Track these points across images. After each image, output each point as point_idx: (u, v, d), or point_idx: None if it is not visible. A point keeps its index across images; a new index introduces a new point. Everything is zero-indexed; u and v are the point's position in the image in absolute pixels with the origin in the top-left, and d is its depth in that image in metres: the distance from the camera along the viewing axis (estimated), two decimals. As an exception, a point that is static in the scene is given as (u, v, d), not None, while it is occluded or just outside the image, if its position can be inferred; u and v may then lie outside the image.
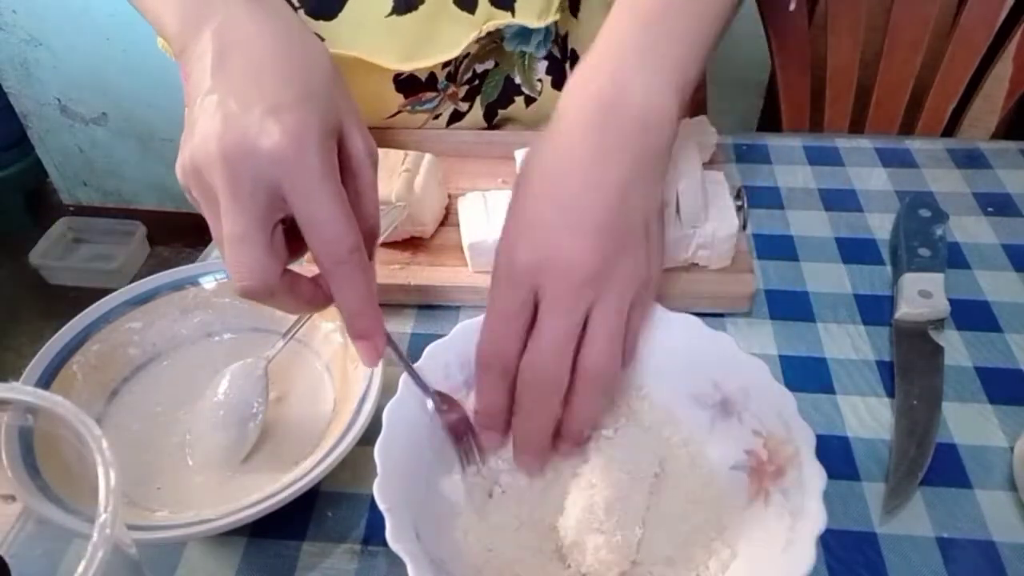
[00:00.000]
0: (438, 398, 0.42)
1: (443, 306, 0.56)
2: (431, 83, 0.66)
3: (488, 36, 0.64)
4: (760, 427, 0.40)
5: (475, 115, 0.70)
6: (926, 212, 0.60)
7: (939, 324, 0.53)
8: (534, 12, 0.61)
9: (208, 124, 0.36)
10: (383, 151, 0.56)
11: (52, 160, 1.98)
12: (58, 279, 1.95)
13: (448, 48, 0.62)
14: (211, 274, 0.53)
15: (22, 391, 0.29)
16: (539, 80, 0.68)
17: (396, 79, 0.65)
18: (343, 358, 0.49)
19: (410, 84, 0.66)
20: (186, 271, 0.53)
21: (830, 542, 0.42)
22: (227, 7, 0.40)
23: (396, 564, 0.34)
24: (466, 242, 0.56)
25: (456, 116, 0.70)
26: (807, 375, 0.51)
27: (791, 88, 0.91)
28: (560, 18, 0.63)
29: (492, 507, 0.42)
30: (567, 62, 0.69)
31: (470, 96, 0.69)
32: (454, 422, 0.42)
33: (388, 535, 0.35)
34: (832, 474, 0.37)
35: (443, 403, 0.42)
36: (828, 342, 0.53)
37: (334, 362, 0.50)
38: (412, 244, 0.59)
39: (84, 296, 0.54)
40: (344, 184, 0.37)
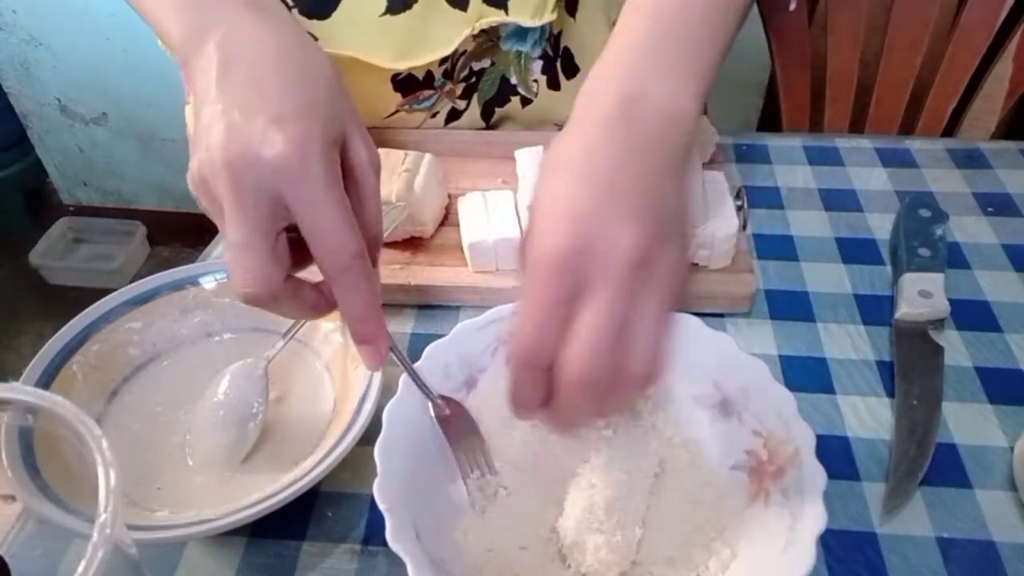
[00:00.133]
0: (441, 402, 0.42)
1: (443, 306, 0.56)
2: (428, 81, 0.66)
3: (485, 34, 0.64)
4: (760, 427, 0.40)
5: (472, 113, 0.70)
6: (926, 212, 0.60)
7: (939, 324, 0.53)
8: (528, 10, 0.61)
9: (213, 134, 0.36)
10: (383, 151, 0.56)
11: (52, 160, 1.98)
12: (58, 279, 1.95)
13: (441, 46, 0.62)
14: (211, 274, 0.53)
15: (22, 391, 0.29)
16: (535, 81, 0.68)
17: (394, 78, 0.65)
18: (343, 358, 0.49)
19: (407, 83, 0.66)
20: (186, 271, 0.53)
21: (830, 542, 0.42)
22: (230, 17, 0.40)
23: (396, 564, 0.34)
24: (466, 242, 0.56)
25: (454, 115, 0.70)
26: (807, 375, 0.51)
27: (791, 88, 0.91)
28: (555, 18, 0.63)
29: (493, 507, 0.42)
30: (558, 60, 0.69)
31: (467, 94, 0.69)
32: (455, 427, 0.42)
33: (388, 535, 0.35)
34: (832, 474, 0.37)
35: (445, 406, 0.42)
36: (828, 342, 0.53)
37: (334, 362, 0.50)
38: (412, 244, 0.59)
39: (84, 296, 0.54)
40: (347, 191, 0.38)
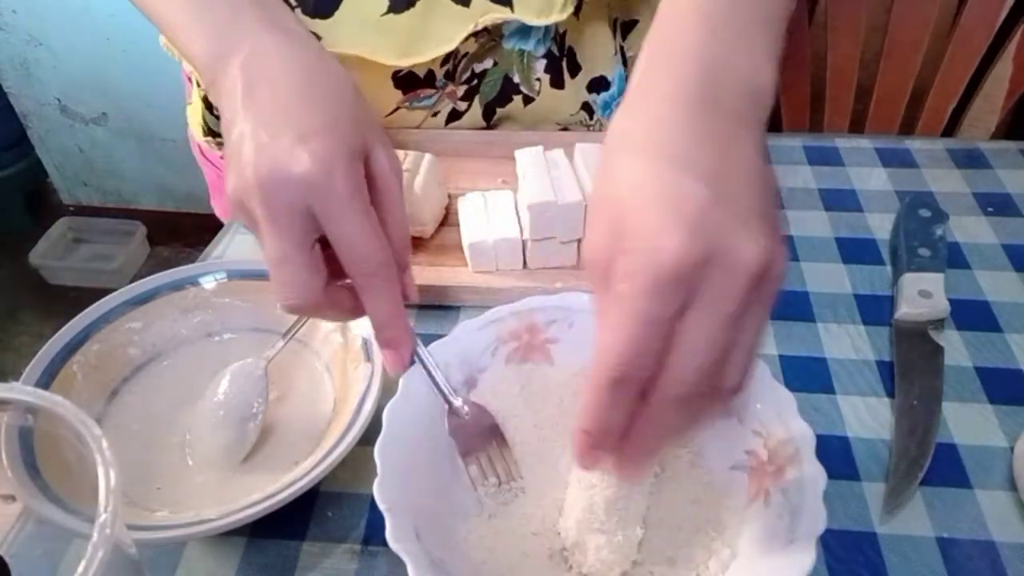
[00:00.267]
0: (465, 407, 0.42)
1: (443, 306, 0.56)
2: (429, 80, 0.66)
3: (487, 34, 0.64)
4: (760, 427, 0.40)
5: (473, 114, 0.70)
6: (926, 212, 0.60)
7: (939, 324, 0.53)
8: (534, 8, 0.61)
9: (243, 155, 0.38)
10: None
11: (52, 160, 1.98)
12: (58, 279, 1.95)
13: (444, 43, 0.62)
14: (211, 274, 0.53)
15: (22, 391, 0.29)
16: (537, 79, 0.68)
17: (395, 76, 0.65)
18: (343, 358, 0.49)
19: (408, 81, 0.66)
20: (186, 271, 0.53)
21: (830, 542, 0.42)
22: (252, 39, 0.42)
23: (396, 564, 0.34)
24: (466, 242, 0.56)
25: (455, 115, 0.70)
26: (807, 375, 0.51)
27: (791, 88, 0.91)
28: (564, 17, 0.63)
29: (494, 508, 0.42)
30: (564, 59, 0.69)
31: (468, 96, 0.69)
32: (474, 433, 0.42)
33: (388, 535, 0.35)
34: (832, 474, 0.37)
35: (467, 411, 0.43)
36: (828, 342, 0.53)
37: (334, 362, 0.50)
38: (412, 244, 0.58)
39: (84, 296, 0.54)
40: (373, 201, 0.40)
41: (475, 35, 0.63)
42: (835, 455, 0.46)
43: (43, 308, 1.91)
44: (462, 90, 0.68)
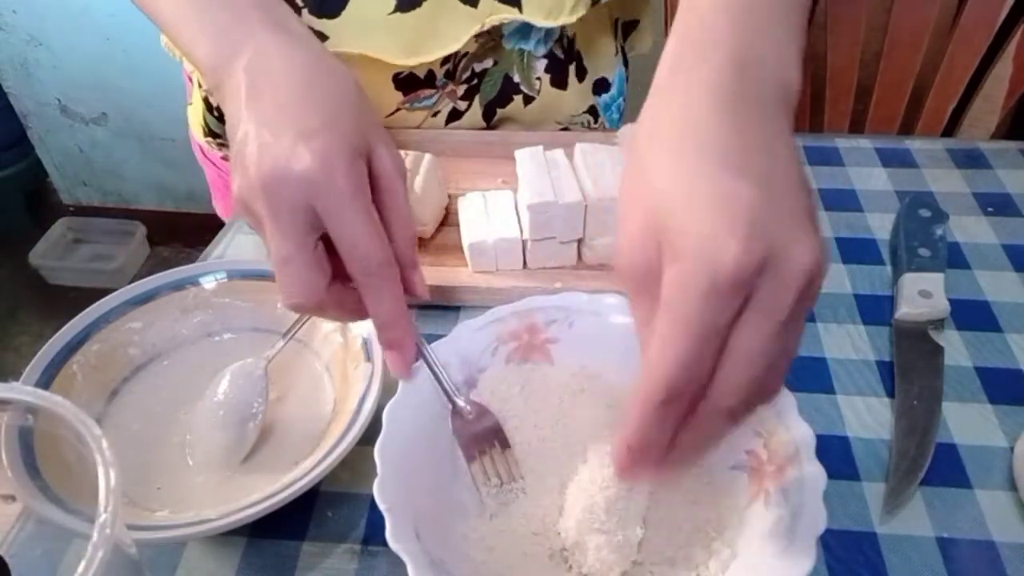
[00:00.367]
0: (469, 407, 0.42)
1: (443, 306, 0.56)
2: (430, 80, 0.66)
3: (487, 34, 0.64)
4: (760, 427, 0.40)
5: (474, 114, 0.70)
6: (926, 212, 0.60)
7: (939, 324, 0.53)
8: (543, 9, 0.61)
9: (246, 155, 0.38)
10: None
11: (52, 160, 1.98)
12: (58, 279, 1.95)
13: (450, 42, 0.62)
14: (211, 274, 0.53)
15: (22, 391, 0.29)
16: (538, 79, 0.68)
17: (395, 77, 0.65)
18: (343, 358, 0.49)
19: (408, 82, 0.66)
20: (186, 271, 0.53)
21: (830, 542, 0.42)
22: (255, 41, 0.42)
23: (396, 564, 0.34)
24: (466, 242, 0.56)
25: (455, 115, 0.70)
26: (807, 375, 0.51)
27: (791, 88, 0.91)
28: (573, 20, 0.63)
29: (495, 508, 0.42)
30: (572, 63, 0.69)
31: (469, 95, 0.69)
32: (477, 433, 0.42)
33: (388, 535, 0.35)
34: (832, 474, 0.37)
35: (472, 411, 0.43)
36: (828, 342, 0.53)
37: (334, 362, 0.50)
38: (412, 244, 0.59)
39: (84, 296, 0.54)
40: (378, 200, 0.40)
41: (476, 35, 0.63)
42: (835, 455, 0.46)
43: (43, 308, 1.91)
44: (462, 89, 0.68)
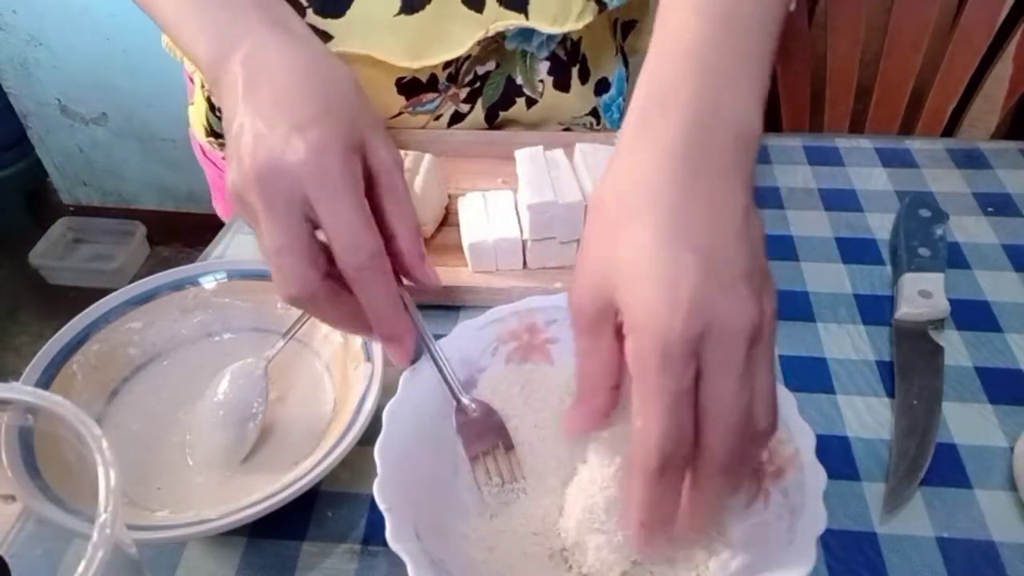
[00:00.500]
0: (473, 404, 0.42)
1: (443, 306, 0.56)
2: (432, 84, 0.66)
3: (489, 37, 0.64)
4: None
5: (476, 116, 0.70)
6: (926, 212, 0.60)
7: (939, 324, 0.53)
8: (548, 16, 0.61)
9: (242, 148, 0.38)
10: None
11: (52, 160, 1.98)
12: (58, 279, 1.96)
13: (455, 47, 0.62)
14: (211, 274, 0.53)
15: (22, 391, 0.29)
16: (540, 81, 0.68)
17: (398, 81, 0.65)
18: (343, 358, 0.49)
19: (411, 86, 0.66)
20: (186, 271, 0.53)
21: (830, 542, 0.42)
22: (253, 37, 0.42)
23: (396, 564, 0.34)
24: (466, 242, 0.56)
25: (457, 118, 0.70)
26: (807, 375, 0.51)
27: (791, 88, 0.91)
28: (579, 27, 0.63)
29: (495, 508, 0.42)
30: (576, 65, 0.68)
31: (471, 98, 0.69)
32: (479, 432, 0.42)
33: (388, 535, 0.35)
34: (832, 474, 0.37)
35: (475, 409, 0.43)
36: (828, 342, 0.53)
37: (334, 362, 0.50)
38: (412, 244, 0.59)
39: (84, 296, 0.54)
40: (377, 195, 0.40)
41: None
42: (835, 455, 0.46)
43: (43, 308, 1.91)
44: (464, 92, 0.68)
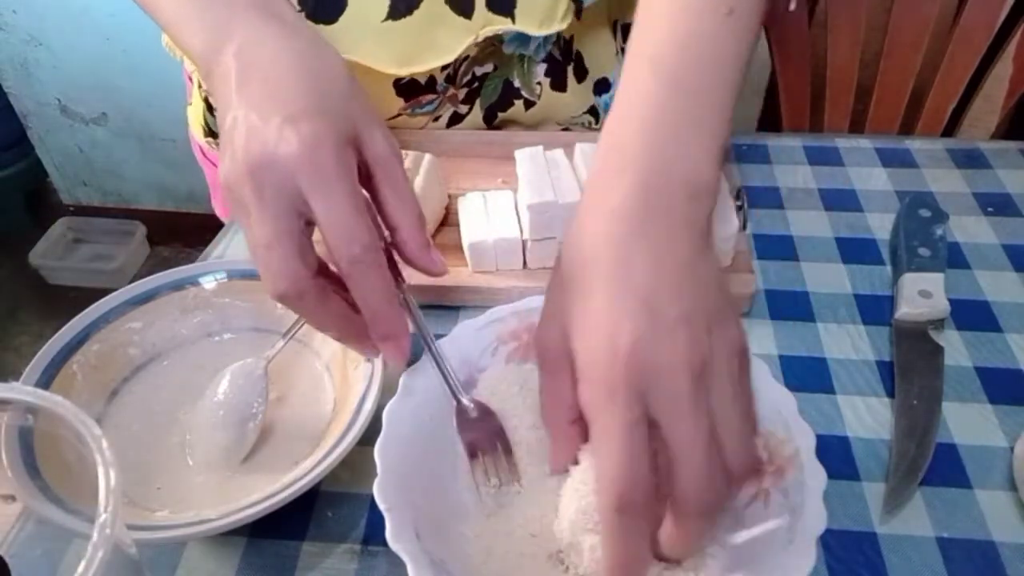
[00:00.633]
0: (472, 405, 0.42)
1: (443, 306, 0.56)
2: (430, 86, 0.66)
3: (487, 39, 0.64)
4: (760, 427, 0.40)
5: (475, 117, 0.70)
6: (926, 212, 0.60)
7: (939, 324, 0.53)
8: (535, 20, 0.61)
9: (234, 140, 0.38)
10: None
11: (52, 160, 1.98)
12: (58, 279, 1.95)
13: (444, 53, 0.62)
14: (211, 274, 0.53)
15: (22, 391, 0.29)
16: (538, 83, 0.68)
17: (396, 83, 0.65)
18: (343, 358, 0.49)
19: (410, 88, 0.66)
20: (186, 271, 0.53)
21: (830, 542, 0.42)
22: (246, 28, 0.42)
23: (396, 564, 0.34)
24: (466, 242, 0.56)
25: (456, 119, 0.70)
26: (807, 375, 0.51)
27: (791, 88, 0.91)
28: (565, 27, 0.63)
29: (493, 507, 0.42)
30: (570, 64, 0.69)
31: (469, 99, 0.69)
32: (478, 433, 0.42)
33: (388, 535, 0.35)
34: (832, 474, 0.37)
35: (475, 409, 0.43)
36: (828, 342, 0.53)
37: (334, 362, 0.50)
38: (412, 244, 0.59)
39: (84, 296, 0.54)
40: (377, 184, 0.40)
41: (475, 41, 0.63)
42: (835, 455, 0.46)
43: (43, 308, 1.91)
44: (463, 93, 0.68)
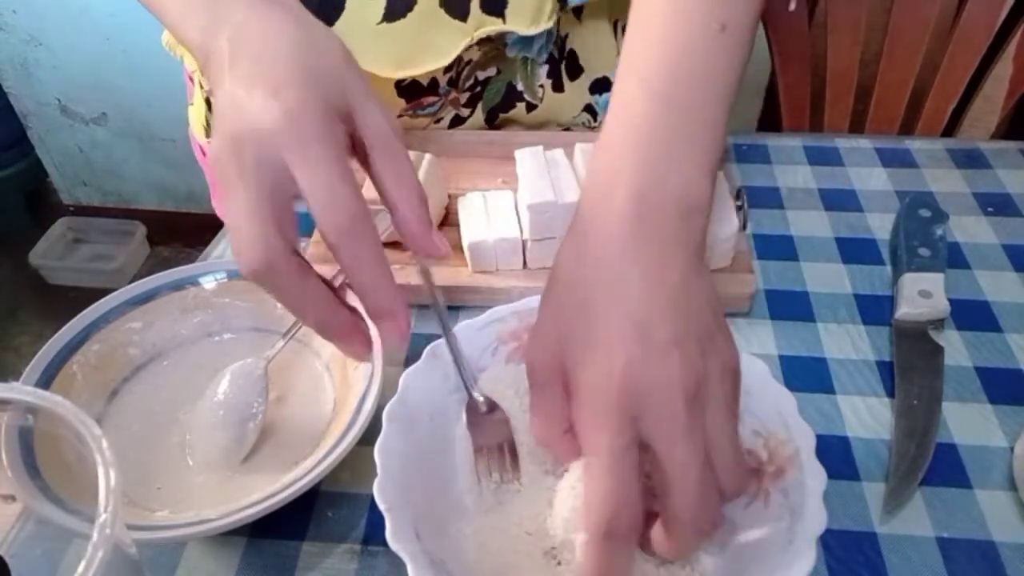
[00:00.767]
0: (483, 399, 0.42)
1: (443, 306, 0.56)
2: (432, 88, 0.66)
3: (490, 43, 0.64)
4: (760, 427, 0.40)
5: (476, 120, 0.70)
6: (926, 212, 0.60)
7: (939, 324, 0.53)
8: (525, 18, 0.61)
9: (221, 117, 0.37)
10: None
11: (52, 160, 1.98)
12: (58, 279, 1.95)
13: (441, 55, 0.62)
14: (211, 274, 0.53)
15: (22, 391, 0.29)
16: (540, 86, 0.68)
17: (398, 84, 0.65)
18: (343, 358, 0.49)
19: (412, 89, 0.66)
20: (186, 271, 0.53)
21: (830, 542, 0.42)
22: (239, 14, 0.41)
23: (396, 564, 0.34)
24: (466, 242, 0.56)
25: (458, 121, 0.70)
26: (807, 375, 0.51)
27: (791, 88, 0.91)
28: (560, 20, 0.63)
29: (491, 503, 0.42)
30: (563, 62, 0.69)
31: (471, 102, 0.69)
32: (486, 428, 0.42)
33: (388, 535, 0.35)
34: (832, 474, 0.37)
35: (485, 404, 0.43)
36: (828, 342, 0.53)
37: (334, 362, 0.50)
38: (412, 244, 0.59)
39: (84, 296, 0.54)
40: (373, 162, 0.38)
41: (478, 44, 0.63)
42: (835, 455, 0.46)
43: (43, 308, 1.91)
44: (465, 97, 0.68)
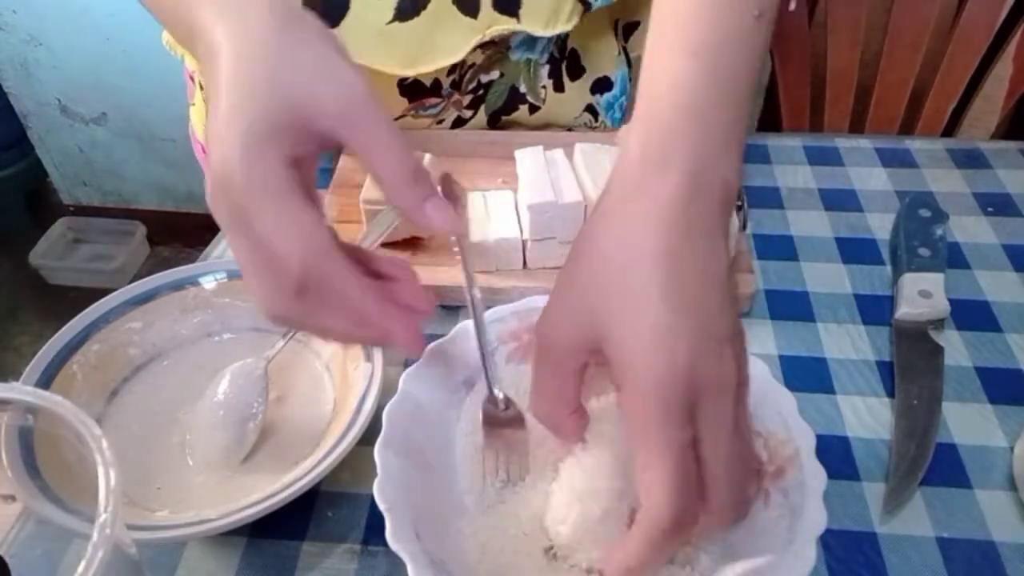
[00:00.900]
0: (502, 397, 0.42)
1: (443, 306, 0.56)
2: (435, 89, 0.66)
3: (494, 46, 0.64)
4: (760, 427, 0.40)
5: (479, 122, 0.70)
6: (926, 212, 0.60)
7: (939, 324, 0.53)
8: (541, 19, 0.61)
9: (209, 147, 0.34)
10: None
11: (52, 160, 1.98)
12: (58, 279, 1.95)
13: (450, 53, 0.62)
14: (211, 274, 0.53)
15: (22, 391, 0.29)
16: (543, 87, 0.68)
17: (400, 83, 0.65)
18: (343, 358, 0.49)
19: (414, 89, 0.66)
20: (186, 271, 0.53)
21: (830, 542, 0.42)
22: (237, 25, 0.37)
23: (396, 564, 0.34)
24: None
25: (459, 123, 0.70)
26: (807, 375, 0.51)
27: (791, 88, 0.91)
28: (571, 28, 0.62)
29: (492, 502, 0.42)
30: (564, 61, 0.69)
31: (474, 104, 0.69)
32: (500, 426, 0.42)
33: (388, 535, 0.35)
34: (832, 474, 0.37)
35: (504, 402, 0.42)
36: (828, 342, 0.53)
37: (334, 362, 0.50)
38: (412, 244, 0.59)
39: (84, 296, 0.54)
40: (348, 141, 0.36)
41: (481, 47, 0.63)
42: (835, 455, 0.46)
43: (43, 308, 1.91)
44: (467, 99, 0.68)
